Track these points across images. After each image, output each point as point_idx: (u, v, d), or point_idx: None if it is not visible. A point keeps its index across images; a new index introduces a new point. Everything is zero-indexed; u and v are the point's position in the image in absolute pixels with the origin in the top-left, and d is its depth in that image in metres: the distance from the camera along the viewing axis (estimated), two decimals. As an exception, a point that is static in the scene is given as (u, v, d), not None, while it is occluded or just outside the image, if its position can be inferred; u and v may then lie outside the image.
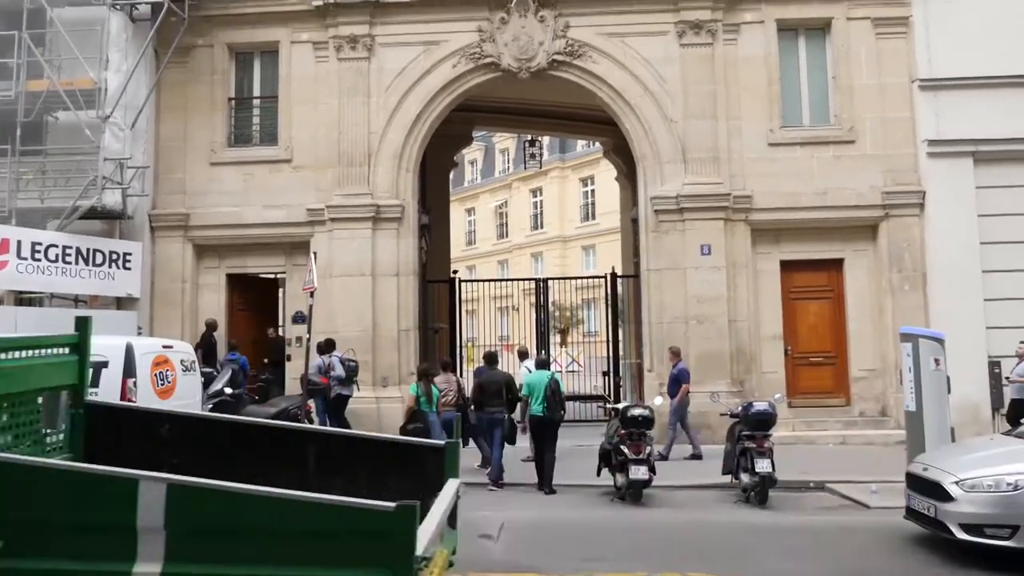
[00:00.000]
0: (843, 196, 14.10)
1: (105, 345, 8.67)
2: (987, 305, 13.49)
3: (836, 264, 14.49)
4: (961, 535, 6.91)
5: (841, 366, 14.38)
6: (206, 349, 14.01)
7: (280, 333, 14.65)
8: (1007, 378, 12.48)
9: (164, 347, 9.29)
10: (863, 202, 14.09)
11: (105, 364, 8.50)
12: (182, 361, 9.34)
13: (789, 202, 14.13)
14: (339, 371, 13.25)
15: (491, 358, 11.93)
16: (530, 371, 11.81)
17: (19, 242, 12.86)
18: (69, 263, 13.45)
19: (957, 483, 7.07)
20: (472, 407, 11.36)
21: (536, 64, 14.45)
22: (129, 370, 8.47)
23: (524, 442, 11.90)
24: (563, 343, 35.00)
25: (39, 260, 13.11)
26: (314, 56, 14.90)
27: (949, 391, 9.70)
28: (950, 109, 13.91)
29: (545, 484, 10.56)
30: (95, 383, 8.45)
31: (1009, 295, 13.32)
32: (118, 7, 14.05)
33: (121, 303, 14.48)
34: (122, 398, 8.37)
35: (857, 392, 14.21)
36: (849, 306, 14.36)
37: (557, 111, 19.46)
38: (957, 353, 11.27)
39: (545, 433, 10.75)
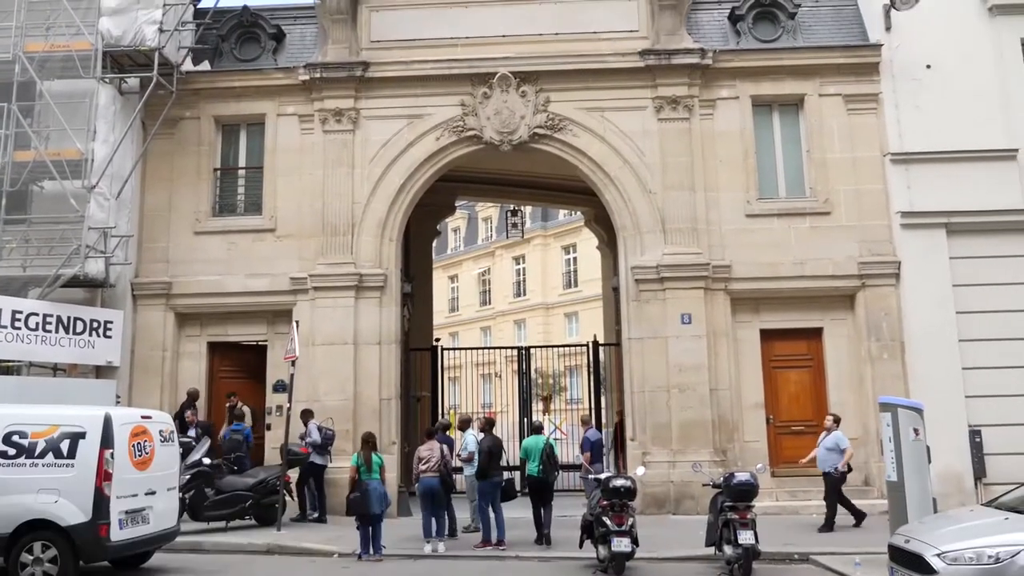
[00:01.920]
0: (820, 266, 14.34)
1: (83, 415, 8.60)
2: (965, 374, 13.60)
3: (815, 333, 14.64)
4: (944, 608, 6.85)
5: (823, 435, 14.35)
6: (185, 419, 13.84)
7: (236, 402, 14.37)
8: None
9: (143, 417, 9.18)
10: (840, 272, 14.33)
11: (83, 435, 8.39)
12: (160, 432, 9.21)
13: (767, 272, 14.35)
14: (315, 437, 13.12)
15: (490, 424, 12.04)
16: (475, 439, 12.40)
17: (0, 310, 12.79)
18: (49, 331, 13.35)
19: (939, 555, 7.04)
20: (464, 472, 11.49)
21: (518, 137, 14.79)
22: (107, 441, 8.34)
23: (464, 511, 12.36)
24: (546, 411, 34.88)
25: (19, 328, 13.01)
26: (299, 128, 15.18)
27: (929, 461, 9.72)
28: (922, 182, 14.29)
29: (544, 539, 11.27)
30: (72, 454, 8.37)
31: (986, 364, 13.46)
32: (107, 80, 14.32)
33: (100, 371, 14.35)
34: (99, 469, 8.23)
35: (840, 461, 14.14)
36: (829, 375, 14.45)
37: (539, 182, 19.80)
38: (937, 422, 11.39)
39: (542, 494, 11.48)
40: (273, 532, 11.84)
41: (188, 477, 11.61)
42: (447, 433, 14.67)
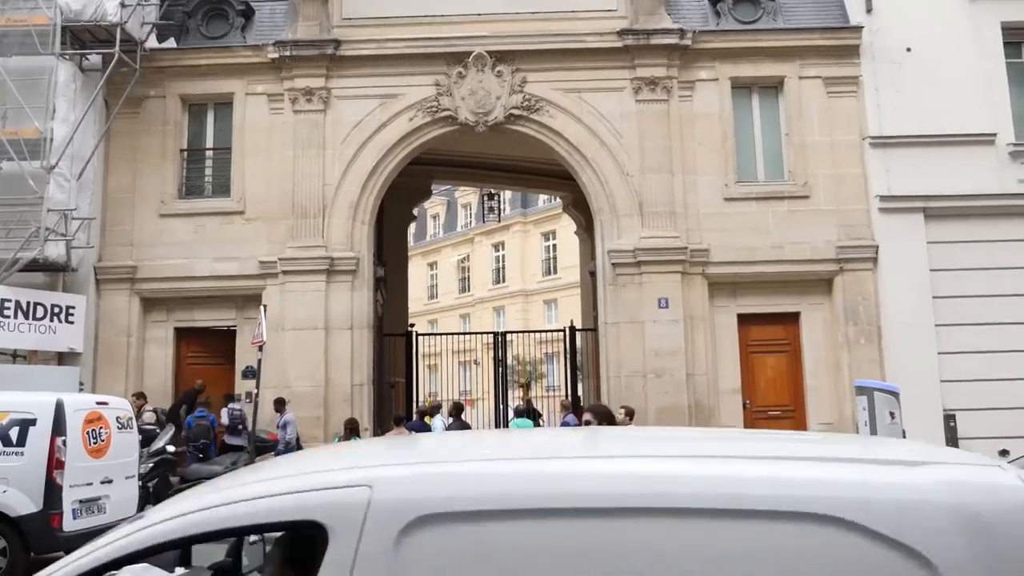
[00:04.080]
0: (798, 250, 14.20)
1: (33, 402, 8.25)
2: (941, 358, 13.56)
3: (793, 318, 14.51)
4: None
5: (799, 419, 14.28)
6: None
7: (198, 386, 14.13)
8: None
9: (98, 403, 8.82)
10: (818, 256, 14.19)
11: (33, 422, 8.03)
12: (118, 418, 8.86)
13: (745, 256, 14.19)
14: (224, 419, 13.19)
15: (459, 409, 11.85)
16: (444, 425, 12.29)
17: (-45, 295, 12.34)
18: (8, 317, 12.90)
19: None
20: None
21: (493, 118, 14.48)
22: (59, 428, 7.98)
23: None
24: (524, 397, 34.72)
25: (-24, 314, 12.58)
26: (269, 108, 14.78)
27: (906, 445, 9.60)
28: (900, 166, 14.18)
29: None
30: (21, 442, 8.02)
31: (962, 349, 13.40)
32: (66, 57, 13.83)
33: (63, 358, 13.92)
34: (50, 458, 7.89)
35: (817, 447, 14.07)
36: (806, 359, 14.34)
37: (516, 165, 19.53)
38: (913, 407, 11.29)
39: None
40: (240, 521, 11.51)
41: (151, 465, 11.26)
42: (424, 419, 14.46)
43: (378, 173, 14.59)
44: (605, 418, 6.54)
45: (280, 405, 13.38)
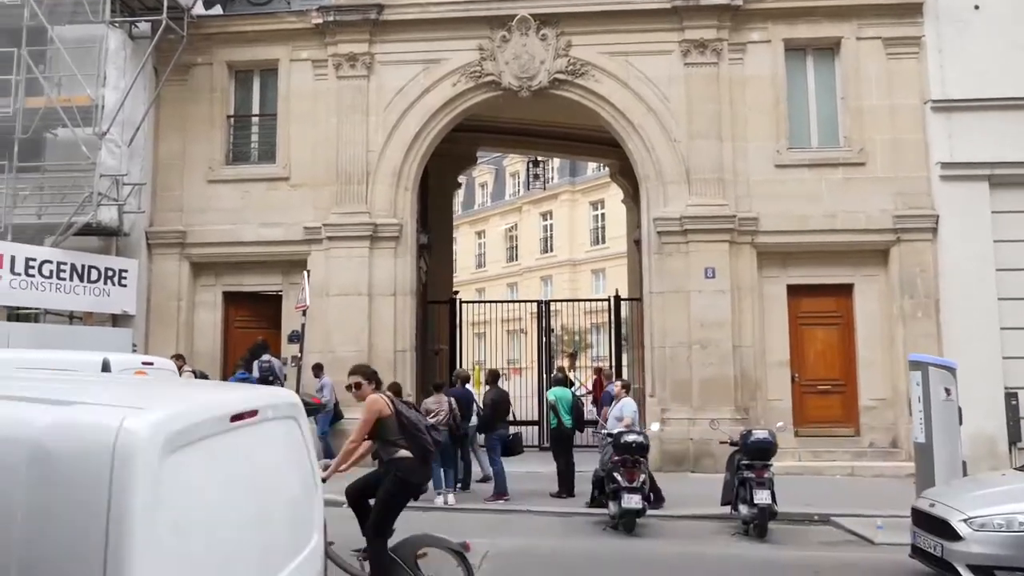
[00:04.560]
0: (853, 219, 13.71)
1: (79, 360, 8.41)
2: (1004, 334, 12.99)
3: (846, 289, 14.06)
4: (969, 576, 6.46)
5: (850, 395, 13.90)
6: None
7: (260, 342, 14.43)
8: None
9: (144, 363, 8.98)
10: (874, 226, 13.69)
11: (79, 382, 8.20)
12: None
13: (797, 225, 13.75)
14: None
15: (495, 376, 11.95)
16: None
17: (12, 257, 12.69)
18: (64, 279, 13.26)
19: (966, 521, 6.62)
20: (473, 426, 11.34)
21: (537, 83, 14.23)
22: (103, 388, 8.14)
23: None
24: (572, 367, 34.59)
25: (33, 276, 12.93)
26: (313, 74, 14.77)
27: (961, 422, 9.23)
28: (964, 131, 13.52)
29: (571, 489, 11.18)
30: (68, 401, 8.20)
31: (1026, 323, 12.83)
32: (116, 25, 13.99)
33: (117, 320, 14.29)
34: (94, 418, 8.05)
35: (867, 422, 13.71)
36: (859, 333, 13.90)
37: (563, 132, 19.23)
38: (971, 383, 10.85)
39: (569, 444, 11.61)
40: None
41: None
42: (467, 385, 14.46)
43: (421, 139, 14.51)
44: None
45: (318, 370, 13.55)
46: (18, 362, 8.35)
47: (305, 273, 12.51)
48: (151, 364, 9.13)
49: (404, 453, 6.25)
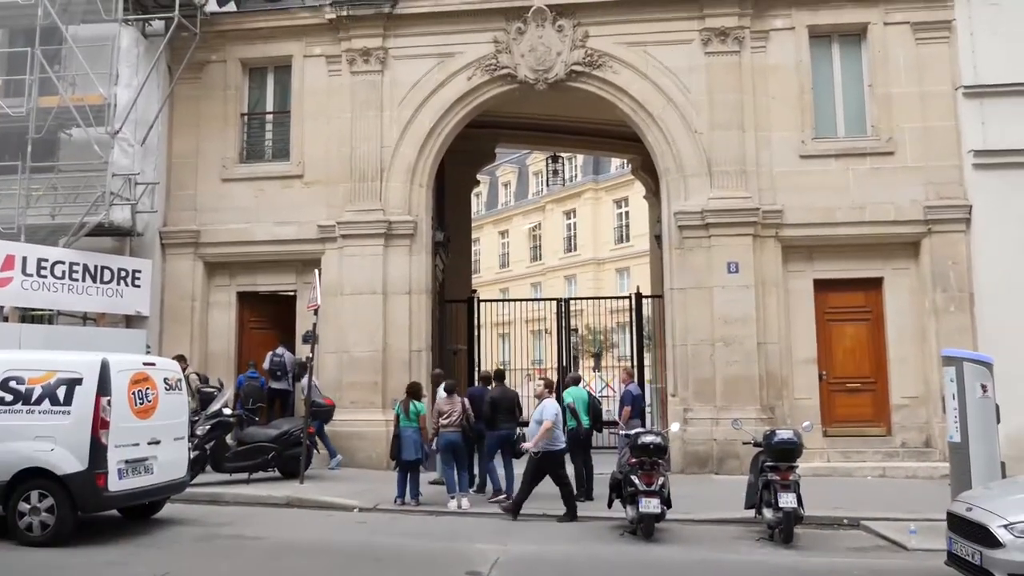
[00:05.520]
0: (882, 211, 13.22)
1: (79, 361, 8.26)
2: (1043, 328, 12.40)
3: (875, 283, 13.55)
4: (1010, 586, 6.02)
5: (881, 393, 13.39)
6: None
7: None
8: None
9: (145, 364, 8.79)
10: (903, 217, 13.18)
11: (79, 381, 8.04)
12: (166, 379, 8.82)
13: (823, 217, 13.28)
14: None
15: (499, 375, 11.84)
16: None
17: (24, 258, 12.60)
18: (76, 280, 13.16)
19: (1006, 527, 6.16)
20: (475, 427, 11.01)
21: (554, 75, 13.90)
22: (104, 388, 7.96)
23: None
24: (597, 367, 34.12)
25: (45, 277, 12.84)
26: (327, 70, 14.57)
27: (998, 421, 8.75)
28: (998, 117, 12.98)
29: (587, 494, 10.91)
30: (68, 400, 8.05)
31: (1066, 317, 12.23)
32: (129, 23, 13.90)
33: (130, 321, 14.18)
34: (95, 417, 7.89)
35: (899, 421, 13.19)
36: (889, 328, 13.39)
37: (582, 127, 18.87)
38: (1010, 379, 10.28)
39: (587, 445, 11.36)
40: (295, 484, 11.52)
41: (208, 427, 11.33)
42: (488, 385, 14.12)
43: (436, 135, 14.23)
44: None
45: (302, 369, 13.06)
46: (15, 363, 8.23)
47: (316, 272, 12.29)
48: (152, 365, 8.95)
49: None
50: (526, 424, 11.14)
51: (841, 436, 13.21)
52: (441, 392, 11.25)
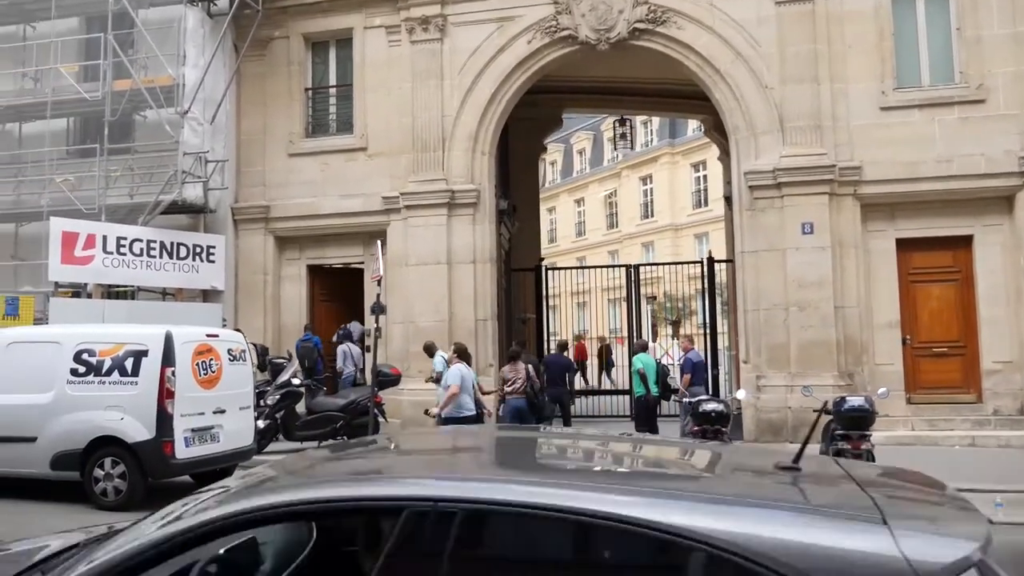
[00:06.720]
0: (971, 164, 12.36)
1: (145, 334, 8.54)
2: None
3: (964, 241, 12.73)
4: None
5: (971, 357, 12.62)
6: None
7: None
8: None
9: (208, 336, 9.04)
10: (996, 170, 12.29)
11: (145, 353, 8.32)
12: (229, 351, 9.06)
13: (906, 173, 12.51)
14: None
15: (563, 345, 11.75)
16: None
17: (104, 237, 13.14)
18: (154, 257, 13.65)
19: (1097, 498, 5.69)
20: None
21: (616, 34, 13.47)
22: (168, 359, 8.23)
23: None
24: (675, 335, 33.51)
25: (124, 254, 13.35)
26: (387, 41, 14.53)
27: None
28: (1104, 57, 11.90)
29: None
30: (135, 372, 8.33)
31: None
32: (195, 3, 14.16)
33: (207, 296, 14.64)
34: (160, 387, 8.17)
35: (990, 387, 12.42)
36: (980, 289, 12.57)
37: (649, 88, 18.30)
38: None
39: (654, 413, 11.51)
40: (363, 453, 11.68)
41: (278, 397, 11.60)
42: (564, 353, 14.00)
43: (497, 101, 14.03)
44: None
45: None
46: (87, 336, 8.56)
47: (378, 243, 12.34)
48: (216, 336, 9.17)
49: None
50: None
51: (927, 403, 12.54)
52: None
